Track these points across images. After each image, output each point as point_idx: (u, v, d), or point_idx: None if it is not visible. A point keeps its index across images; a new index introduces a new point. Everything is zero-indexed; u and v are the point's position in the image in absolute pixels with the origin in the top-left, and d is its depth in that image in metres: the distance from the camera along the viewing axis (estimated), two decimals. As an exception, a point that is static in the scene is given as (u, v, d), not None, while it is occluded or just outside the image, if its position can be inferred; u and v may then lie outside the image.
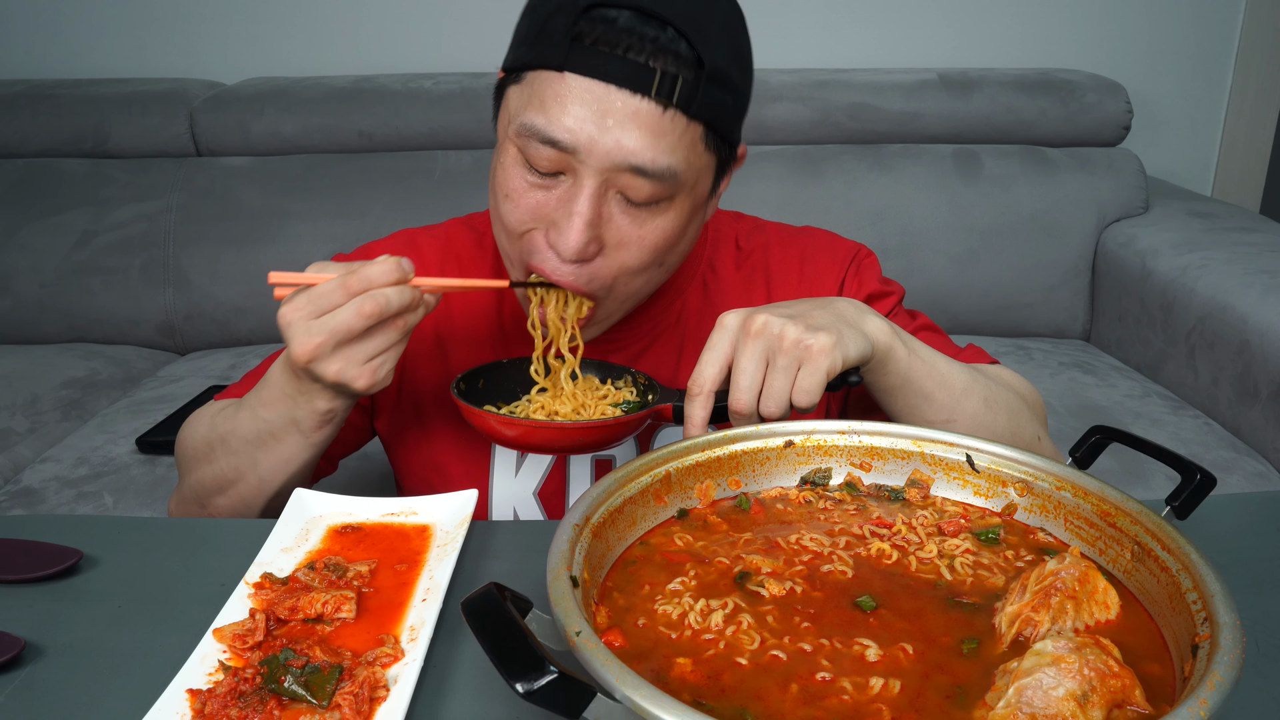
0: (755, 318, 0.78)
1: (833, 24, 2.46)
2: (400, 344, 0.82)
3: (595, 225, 0.83)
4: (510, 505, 1.00)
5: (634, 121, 0.79)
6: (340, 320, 0.77)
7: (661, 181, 0.82)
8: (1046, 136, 2.23)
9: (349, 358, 0.79)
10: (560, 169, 0.83)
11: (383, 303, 0.78)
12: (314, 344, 0.78)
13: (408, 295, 0.80)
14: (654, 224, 0.85)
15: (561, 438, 0.82)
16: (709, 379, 0.79)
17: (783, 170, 2.19)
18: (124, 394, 1.98)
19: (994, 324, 2.20)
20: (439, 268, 1.04)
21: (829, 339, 0.77)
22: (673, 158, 0.81)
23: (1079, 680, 0.51)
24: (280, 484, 0.92)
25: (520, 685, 0.46)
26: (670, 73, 0.78)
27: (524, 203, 0.85)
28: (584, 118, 0.79)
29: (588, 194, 0.82)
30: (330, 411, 0.86)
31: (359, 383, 0.80)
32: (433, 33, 2.45)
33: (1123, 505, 0.66)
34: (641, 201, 0.83)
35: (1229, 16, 2.48)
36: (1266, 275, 1.77)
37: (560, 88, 0.80)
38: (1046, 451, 0.95)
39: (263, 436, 0.89)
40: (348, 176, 2.19)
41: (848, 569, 0.66)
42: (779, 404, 0.78)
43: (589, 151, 0.80)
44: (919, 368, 0.86)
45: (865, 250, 1.08)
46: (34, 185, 2.22)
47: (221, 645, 0.66)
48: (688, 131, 0.81)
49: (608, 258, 0.86)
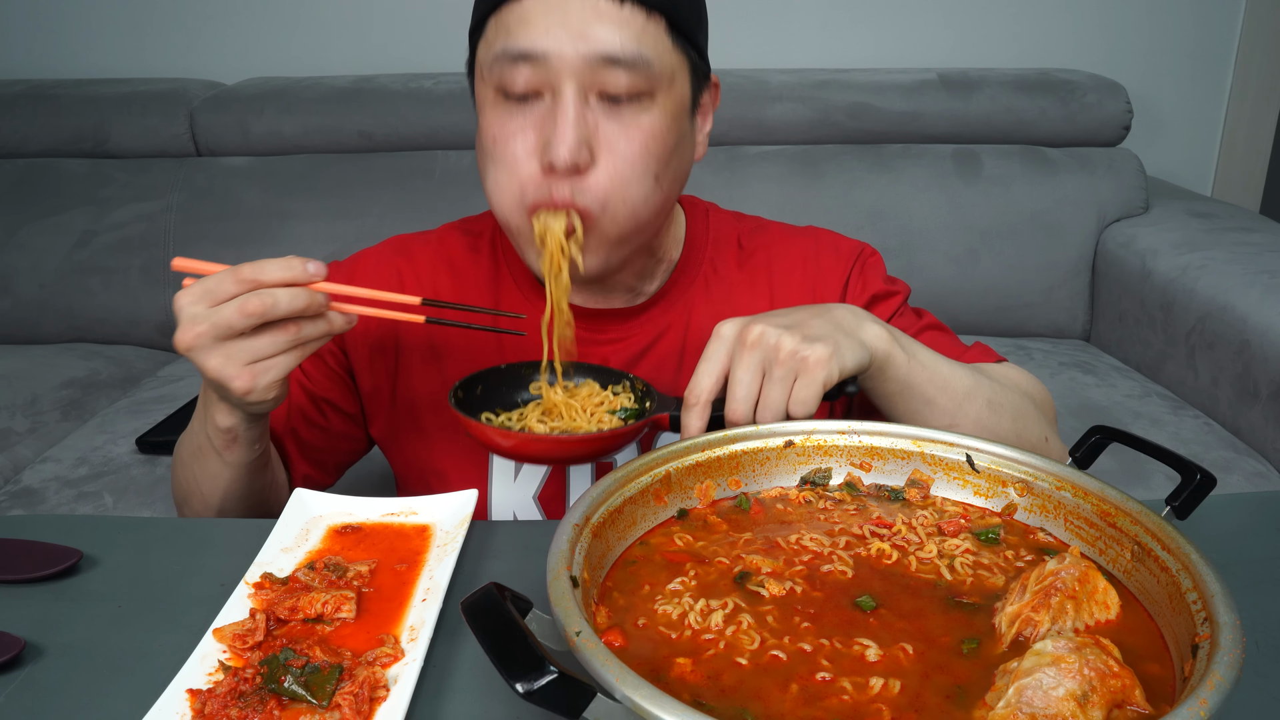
0: (752, 328, 0.78)
1: (833, 24, 2.46)
2: (292, 354, 0.78)
3: (582, 126, 0.84)
4: (510, 510, 1.00)
5: (595, 16, 0.82)
6: (222, 313, 0.75)
7: (635, 69, 0.84)
8: (1046, 136, 2.23)
9: (229, 354, 0.76)
10: (537, 88, 0.84)
11: (269, 303, 0.75)
12: (195, 332, 0.76)
13: (301, 300, 0.76)
14: (639, 122, 0.86)
15: (559, 450, 0.82)
16: (705, 389, 0.79)
17: (783, 170, 2.19)
18: (124, 394, 1.98)
19: (994, 324, 2.20)
20: (430, 273, 1.04)
21: (825, 350, 0.77)
22: (640, 44, 0.84)
23: (1079, 680, 0.51)
24: (219, 501, 0.93)
25: (520, 685, 0.46)
26: None
27: (513, 137, 0.86)
28: (548, 26, 0.82)
29: (569, 98, 0.83)
30: (230, 430, 0.85)
31: (236, 384, 0.77)
32: (433, 33, 2.45)
33: (1123, 505, 0.66)
34: (622, 94, 0.84)
35: (1229, 16, 2.48)
36: (1266, 275, 1.77)
37: (521, 10, 0.83)
38: (1054, 452, 0.94)
39: (194, 452, 0.92)
40: (348, 176, 2.19)
41: (848, 569, 0.66)
42: (775, 415, 0.78)
43: (559, 55, 0.82)
44: (919, 373, 0.85)
45: (870, 249, 1.07)
46: (34, 185, 2.22)
47: (221, 645, 0.66)
48: (649, 23, 0.84)
49: (600, 166, 0.85)
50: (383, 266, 1.04)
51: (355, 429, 1.06)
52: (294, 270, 0.76)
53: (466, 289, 1.03)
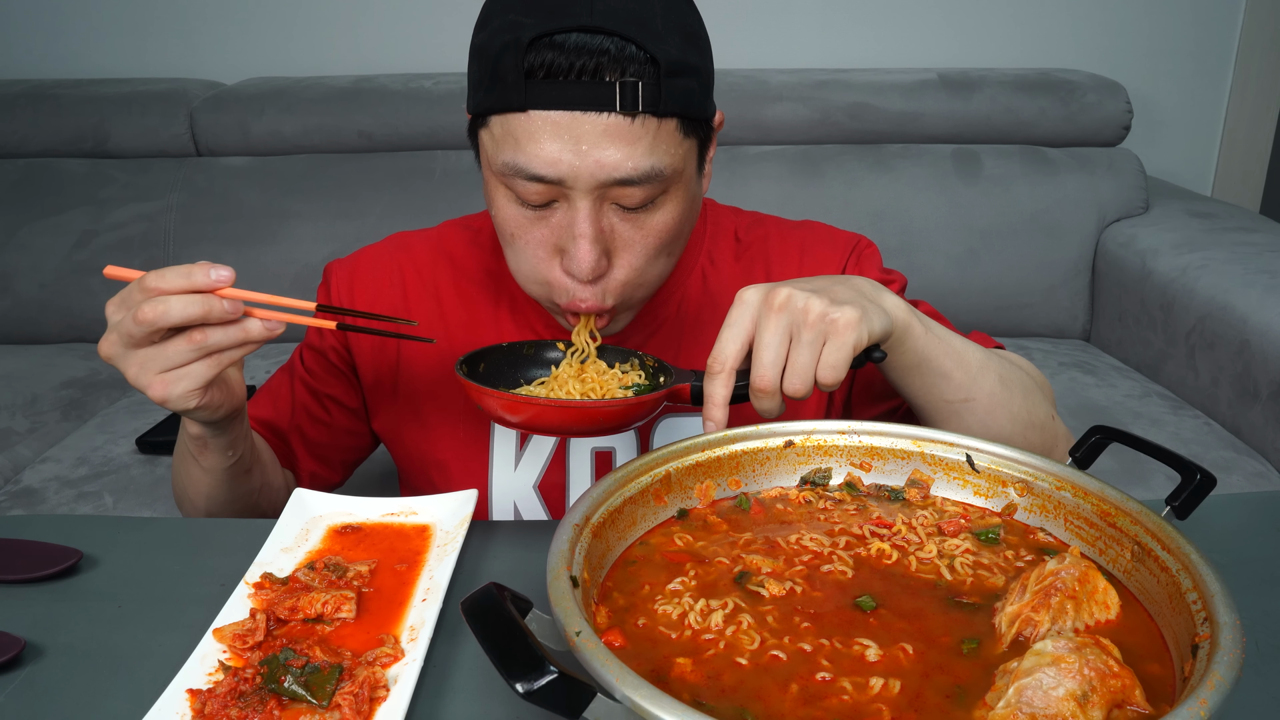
0: (778, 291, 0.76)
1: (833, 24, 2.46)
2: (204, 362, 0.76)
3: (600, 240, 0.84)
4: (510, 499, 1.01)
5: (607, 138, 0.79)
6: (124, 321, 0.74)
7: (650, 183, 0.82)
8: (1046, 136, 2.23)
9: (142, 363, 0.76)
10: (551, 198, 0.84)
11: (160, 310, 0.73)
12: (108, 341, 0.76)
13: (195, 307, 0.74)
14: (654, 221, 0.86)
15: (580, 418, 0.78)
16: (730, 355, 0.76)
17: (783, 170, 2.19)
18: (124, 394, 1.98)
19: (994, 324, 2.20)
20: (431, 268, 1.04)
21: (855, 313, 0.75)
22: (653, 158, 0.81)
23: (1079, 680, 0.51)
24: (204, 504, 0.95)
25: (520, 685, 0.46)
26: (629, 81, 0.78)
27: (531, 237, 0.86)
28: (559, 149, 0.79)
29: (584, 214, 0.82)
30: (199, 437, 0.86)
31: (151, 391, 0.76)
32: (433, 33, 2.45)
33: (1123, 505, 0.66)
34: (637, 206, 0.84)
35: (1229, 16, 2.48)
36: (1266, 275, 1.77)
37: (528, 126, 0.80)
38: (1060, 431, 0.94)
39: (180, 456, 0.94)
40: (348, 176, 2.19)
41: (848, 569, 0.66)
42: (804, 380, 0.75)
43: (573, 178, 0.81)
44: (936, 345, 0.84)
45: (866, 241, 1.07)
46: (34, 185, 2.22)
47: (221, 645, 0.66)
48: (661, 129, 0.81)
49: (618, 266, 0.87)
50: (384, 262, 1.05)
51: (359, 424, 1.07)
52: (193, 278, 0.74)
53: (467, 284, 1.04)
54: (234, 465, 0.91)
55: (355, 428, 1.07)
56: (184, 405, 0.78)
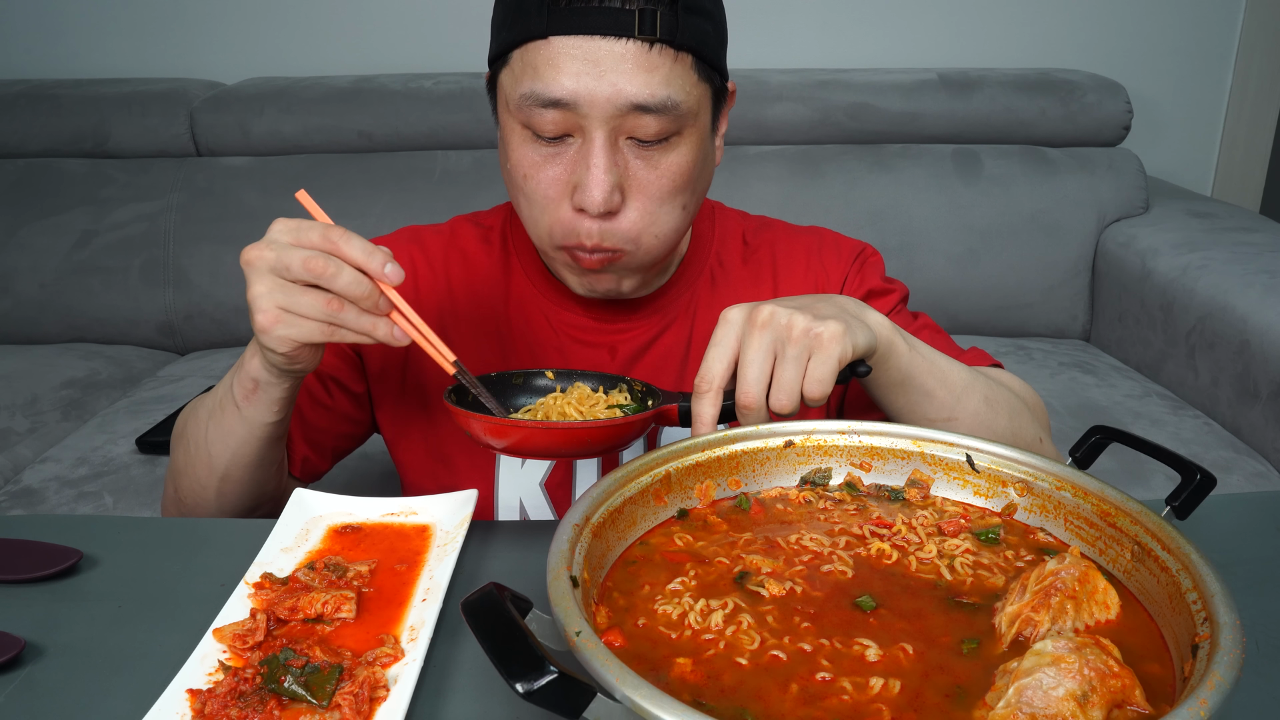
0: (761, 309, 0.77)
1: (833, 24, 2.46)
2: (323, 326, 0.77)
3: (613, 171, 0.85)
4: (516, 497, 1.01)
5: (625, 63, 0.82)
6: (290, 254, 0.75)
7: (665, 114, 0.84)
8: (1046, 136, 2.23)
9: (272, 288, 0.76)
10: (567, 130, 0.85)
11: (331, 271, 0.75)
12: (258, 255, 0.76)
13: (360, 288, 0.76)
14: (668, 161, 0.87)
15: (567, 440, 0.79)
16: (717, 375, 0.77)
17: (783, 170, 2.19)
18: (124, 394, 1.98)
19: (994, 324, 2.20)
20: (444, 264, 1.05)
21: (839, 326, 0.76)
22: (669, 88, 0.83)
23: (1079, 680, 0.51)
24: (226, 463, 0.91)
25: (520, 685, 0.46)
26: (648, 9, 0.81)
27: (544, 175, 0.87)
28: (578, 72, 0.82)
29: (599, 144, 0.84)
30: (254, 377, 0.85)
31: (259, 316, 0.77)
32: (433, 33, 2.45)
33: (1123, 505, 0.66)
34: (651, 138, 0.85)
35: (1229, 16, 2.48)
36: (1266, 275, 1.77)
37: (549, 51, 0.82)
38: (1049, 454, 0.94)
39: (214, 408, 0.91)
40: (348, 176, 2.19)
41: (848, 569, 0.66)
42: (790, 396, 0.76)
43: (590, 103, 0.82)
44: (919, 364, 0.85)
45: (871, 249, 1.08)
46: (34, 185, 2.22)
47: (221, 645, 0.66)
48: (678, 62, 0.84)
49: (631, 206, 0.87)
50: (397, 254, 1.04)
51: (359, 411, 1.06)
52: (372, 259, 0.76)
53: (479, 279, 1.04)
54: (275, 424, 0.89)
55: (355, 414, 1.06)
56: (276, 346, 0.78)
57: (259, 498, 0.97)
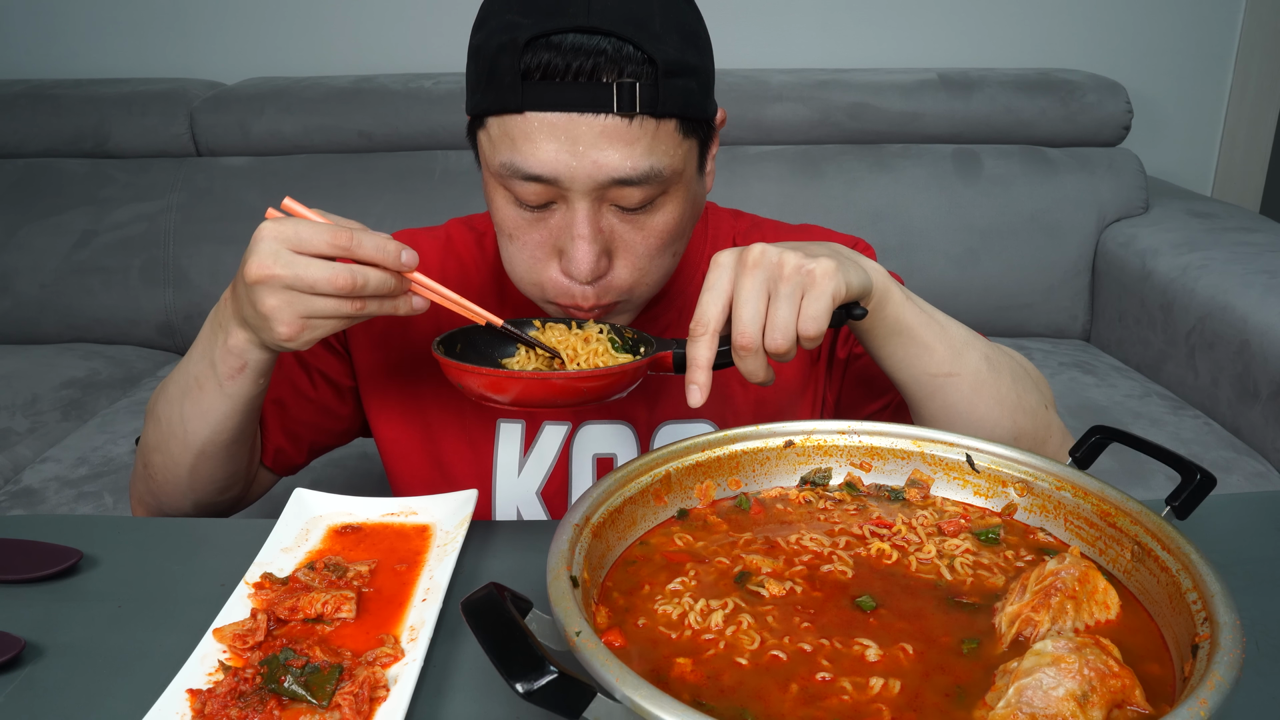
0: (751, 250, 0.75)
1: (833, 24, 2.46)
2: (346, 322, 0.78)
3: (599, 239, 0.83)
4: (514, 505, 1.00)
5: (605, 139, 0.78)
6: (310, 271, 0.74)
7: (649, 184, 0.82)
8: (1046, 136, 2.23)
9: (289, 302, 0.76)
10: (549, 199, 0.83)
11: (360, 283, 0.75)
12: (269, 272, 0.74)
13: (388, 284, 0.77)
14: (654, 222, 0.85)
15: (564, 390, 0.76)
16: (712, 318, 0.75)
17: (783, 170, 2.19)
18: (124, 394, 1.98)
19: (994, 324, 2.20)
20: (440, 268, 1.04)
21: (831, 263, 0.74)
22: (652, 159, 0.81)
23: (1079, 680, 0.51)
24: (203, 440, 0.89)
25: (520, 685, 0.46)
26: (626, 83, 0.78)
27: (529, 239, 0.86)
28: (556, 150, 0.79)
29: (583, 215, 0.82)
30: (241, 357, 0.83)
31: (282, 329, 0.76)
32: (433, 33, 2.45)
33: (1123, 505, 0.66)
34: (636, 207, 0.83)
35: (1229, 16, 2.48)
36: (1266, 275, 1.77)
37: (525, 127, 0.79)
38: (1054, 423, 0.93)
39: (188, 384, 0.88)
40: (348, 176, 2.19)
41: (848, 569, 0.66)
42: (785, 335, 0.74)
43: (570, 179, 0.80)
44: (916, 315, 0.84)
45: (864, 243, 1.07)
46: (34, 185, 2.22)
47: (221, 645, 0.66)
48: (660, 130, 0.80)
49: (619, 267, 0.86)
50: None
51: (344, 406, 1.05)
52: (387, 254, 0.76)
53: (472, 283, 1.04)
54: (254, 399, 0.88)
55: (339, 409, 1.04)
56: (298, 347, 0.78)
57: (233, 475, 0.95)
